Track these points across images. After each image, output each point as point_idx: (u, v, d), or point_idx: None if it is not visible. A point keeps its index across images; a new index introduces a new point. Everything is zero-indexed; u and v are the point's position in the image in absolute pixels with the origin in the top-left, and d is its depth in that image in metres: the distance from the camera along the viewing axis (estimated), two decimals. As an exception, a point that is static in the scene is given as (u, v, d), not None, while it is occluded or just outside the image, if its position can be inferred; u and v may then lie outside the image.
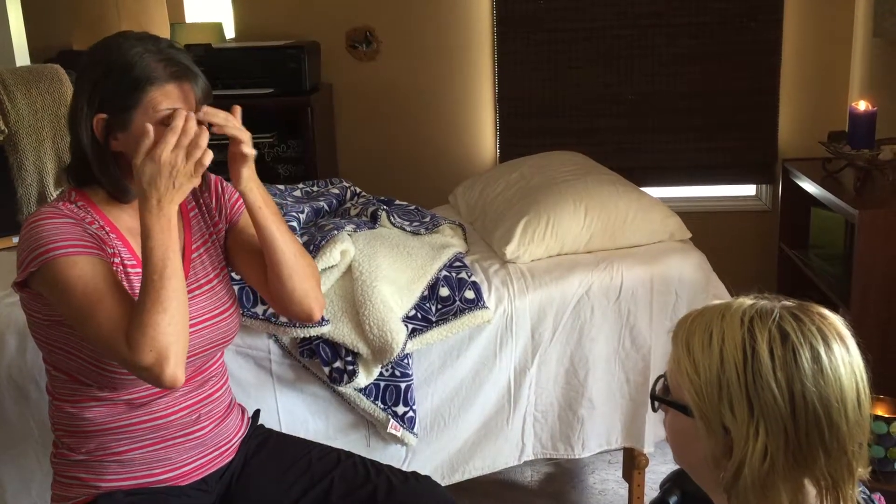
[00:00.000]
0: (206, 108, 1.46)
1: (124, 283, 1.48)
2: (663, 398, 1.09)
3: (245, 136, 1.49)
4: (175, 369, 1.37)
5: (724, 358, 1.00)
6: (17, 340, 1.95)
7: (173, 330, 1.37)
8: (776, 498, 1.00)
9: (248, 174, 1.52)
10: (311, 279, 1.62)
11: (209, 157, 1.41)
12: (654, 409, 1.12)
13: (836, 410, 0.98)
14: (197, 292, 1.58)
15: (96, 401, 1.51)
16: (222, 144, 1.49)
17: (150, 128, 1.39)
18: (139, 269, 1.48)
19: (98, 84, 1.44)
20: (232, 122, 1.48)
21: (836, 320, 1.03)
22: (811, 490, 1.02)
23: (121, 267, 1.50)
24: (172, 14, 4.67)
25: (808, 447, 0.98)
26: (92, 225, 1.48)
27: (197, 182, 1.43)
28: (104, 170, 1.47)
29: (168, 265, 1.39)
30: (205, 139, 1.41)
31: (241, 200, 1.58)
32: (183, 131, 1.39)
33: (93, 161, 1.47)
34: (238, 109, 1.50)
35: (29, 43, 3.46)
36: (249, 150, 1.50)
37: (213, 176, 1.68)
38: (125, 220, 1.52)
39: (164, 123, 1.41)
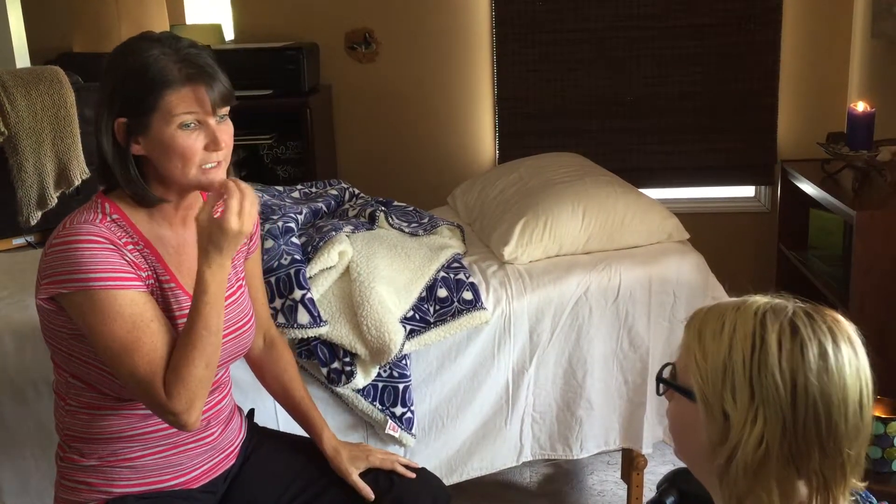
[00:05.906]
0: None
1: (159, 301, 1.46)
2: (668, 381, 1.11)
3: None
4: (199, 415, 1.43)
5: (733, 345, 1.02)
6: (14, 342, 1.95)
7: (208, 383, 1.43)
8: (767, 487, 1.01)
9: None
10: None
11: (257, 206, 1.44)
12: (659, 393, 1.13)
13: (837, 408, 0.99)
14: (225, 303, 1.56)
15: (112, 409, 1.50)
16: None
17: (232, 185, 1.40)
18: (173, 285, 1.49)
19: (116, 87, 1.43)
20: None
21: (847, 325, 1.04)
22: (803, 490, 1.02)
23: (157, 285, 1.47)
24: (172, 16, 4.67)
25: (805, 441, 0.99)
26: (127, 246, 1.44)
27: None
28: (126, 175, 1.45)
29: (216, 320, 1.41)
30: (252, 193, 1.42)
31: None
32: (242, 194, 1.40)
33: (114, 166, 1.45)
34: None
35: (29, 45, 3.46)
36: None
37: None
38: (154, 229, 1.50)
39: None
